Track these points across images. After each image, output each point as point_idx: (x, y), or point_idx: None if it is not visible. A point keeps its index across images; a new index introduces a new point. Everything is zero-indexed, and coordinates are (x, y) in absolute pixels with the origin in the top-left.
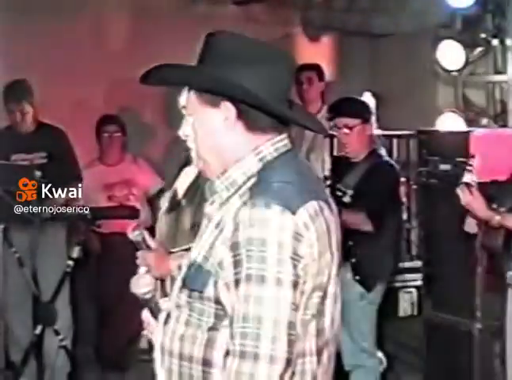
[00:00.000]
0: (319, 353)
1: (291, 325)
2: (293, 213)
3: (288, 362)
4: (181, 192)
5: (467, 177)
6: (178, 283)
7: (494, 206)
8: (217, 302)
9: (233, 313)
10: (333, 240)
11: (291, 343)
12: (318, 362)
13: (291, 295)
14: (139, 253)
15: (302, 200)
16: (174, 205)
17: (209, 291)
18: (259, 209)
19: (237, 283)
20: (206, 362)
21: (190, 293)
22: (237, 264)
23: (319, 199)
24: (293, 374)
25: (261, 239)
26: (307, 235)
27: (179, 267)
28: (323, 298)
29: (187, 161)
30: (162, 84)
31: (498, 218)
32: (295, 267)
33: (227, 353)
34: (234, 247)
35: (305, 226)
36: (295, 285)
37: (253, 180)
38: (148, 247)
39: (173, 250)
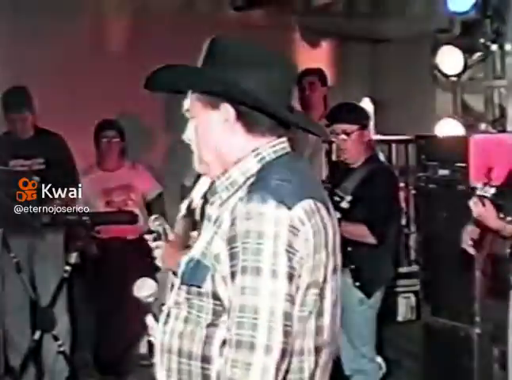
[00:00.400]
0: (318, 352)
1: (287, 316)
2: (289, 208)
3: (284, 352)
4: (196, 200)
5: (482, 190)
6: (177, 280)
7: (502, 215)
8: (215, 297)
9: (230, 305)
10: (329, 240)
11: (287, 334)
12: (316, 362)
13: (286, 287)
14: (154, 243)
15: (298, 198)
16: (191, 211)
17: (207, 286)
18: (255, 203)
19: (233, 275)
20: (205, 359)
21: (189, 289)
22: (233, 256)
23: (315, 199)
24: (290, 370)
25: (257, 232)
26: (302, 229)
27: (178, 265)
28: (321, 296)
29: None
30: (164, 91)
31: (510, 227)
32: (290, 259)
33: (224, 342)
34: (231, 240)
35: (300, 222)
36: (290, 277)
37: (251, 180)
38: (166, 238)
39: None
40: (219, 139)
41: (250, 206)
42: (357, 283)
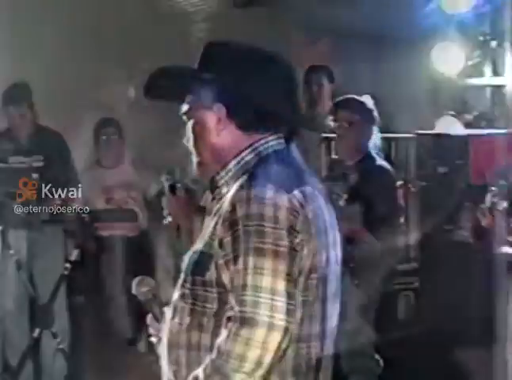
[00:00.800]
0: (323, 340)
1: (289, 295)
2: (288, 192)
3: (286, 330)
4: None
5: (492, 202)
6: (182, 274)
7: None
8: (219, 284)
9: (232, 286)
10: (329, 230)
11: (289, 313)
12: (321, 349)
13: (288, 267)
14: (164, 199)
15: (297, 184)
16: None
17: (211, 274)
18: (255, 189)
19: (236, 258)
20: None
21: (193, 280)
22: (235, 240)
23: (313, 188)
24: (299, 355)
25: (258, 214)
26: (302, 213)
27: (188, 220)
28: (323, 282)
29: None
30: (161, 99)
31: None
32: (291, 241)
33: (229, 319)
34: (233, 225)
35: (300, 205)
36: (291, 258)
37: (250, 172)
38: (173, 192)
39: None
40: (214, 138)
41: (249, 192)
42: (356, 282)
